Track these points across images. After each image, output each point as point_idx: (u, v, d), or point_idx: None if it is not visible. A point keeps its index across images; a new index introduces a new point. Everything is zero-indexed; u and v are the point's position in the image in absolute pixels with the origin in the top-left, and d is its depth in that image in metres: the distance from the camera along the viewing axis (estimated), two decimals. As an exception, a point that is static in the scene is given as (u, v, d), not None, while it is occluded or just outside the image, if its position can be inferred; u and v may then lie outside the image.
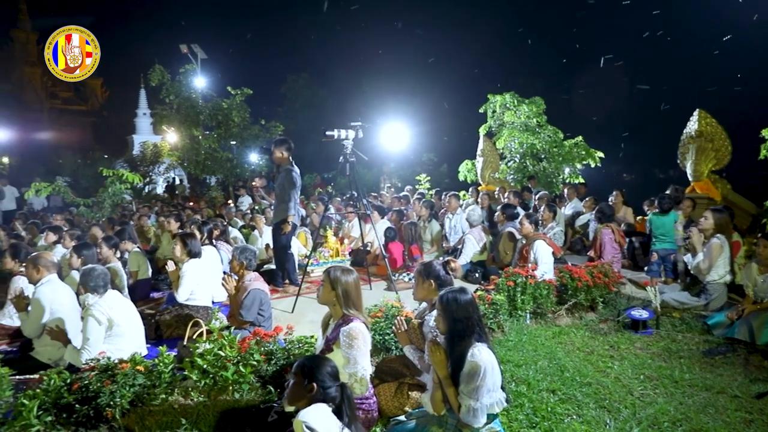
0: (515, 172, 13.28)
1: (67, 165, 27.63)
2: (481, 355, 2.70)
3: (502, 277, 5.44)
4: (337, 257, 7.50)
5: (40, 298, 4.43)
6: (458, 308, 2.81)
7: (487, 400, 2.70)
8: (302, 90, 31.48)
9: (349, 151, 6.24)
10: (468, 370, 2.70)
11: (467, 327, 2.78)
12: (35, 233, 8.99)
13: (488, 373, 2.68)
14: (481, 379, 2.67)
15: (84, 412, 3.24)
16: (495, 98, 13.44)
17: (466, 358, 2.72)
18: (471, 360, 2.70)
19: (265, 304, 4.61)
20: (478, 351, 2.72)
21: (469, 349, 2.73)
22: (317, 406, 2.37)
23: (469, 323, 2.79)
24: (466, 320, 2.79)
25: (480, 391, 2.68)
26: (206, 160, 15.66)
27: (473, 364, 2.69)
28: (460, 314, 2.80)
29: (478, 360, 2.68)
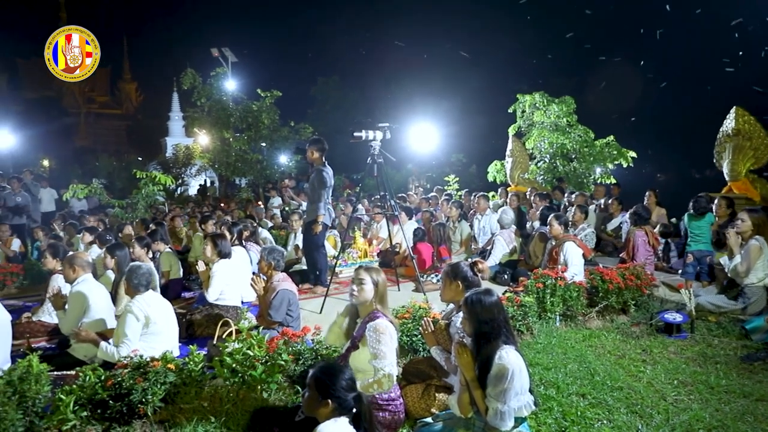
0: (545, 173, 13.14)
1: (103, 167, 28.38)
2: (509, 357, 2.67)
3: (531, 279, 5.38)
4: (366, 258, 7.52)
5: (76, 297, 4.55)
6: (483, 310, 2.78)
7: (515, 403, 2.67)
8: (332, 92, 31.71)
9: (377, 152, 6.25)
10: (495, 372, 2.67)
11: (493, 329, 2.75)
12: (73, 234, 9.25)
13: (516, 375, 2.65)
14: (508, 381, 2.64)
15: (117, 408, 3.31)
16: (524, 98, 13.33)
17: (493, 361, 2.69)
18: (498, 362, 2.67)
19: (293, 305, 4.65)
20: (505, 353, 2.69)
21: (497, 352, 2.70)
22: (335, 421, 2.35)
23: (495, 325, 2.76)
24: (491, 322, 2.76)
25: (507, 393, 2.65)
26: (237, 162, 15.91)
27: (500, 366, 2.66)
28: (486, 316, 2.77)
29: (505, 362, 2.66)
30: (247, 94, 17.15)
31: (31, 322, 5.41)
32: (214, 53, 20.06)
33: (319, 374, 2.47)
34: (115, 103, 79.74)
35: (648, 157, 24.40)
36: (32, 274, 7.93)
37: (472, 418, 2.88)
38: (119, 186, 23.75)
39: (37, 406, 3.21)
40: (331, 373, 2.46)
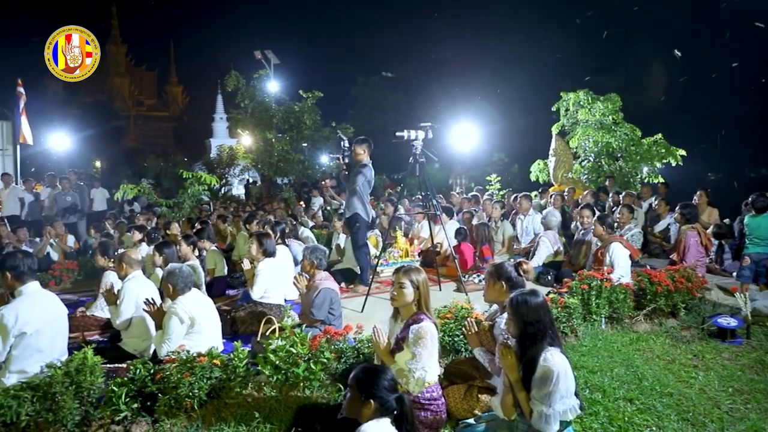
0: (589, 172, 12.85)
1: (151, 168, 29.26)
2: (554, 359, 2.62)
3: (576, 280, 5.27)
4: (407, 258, 7.51)
5: (127, 293, 4.71)
6: (528, 311, 2.74)
7: (560, 406, 2.62)
8: (373, 92, 31.82)
9: (418, 152, 6.24)
10: (540, 374, 2.63)
11: (539, 330, 2.71)
12: (123, 232, 9.57)
13: (561, 378, 2.60)
14: (553, 384, 2.59)
15: (165, 402, 3.40)
16: (568, 96, 13.08)
17: (538, 363, 2.65)
18: (543, 364, 2.63)
19: (335, 303, 4.69)
20: (550, 355, 2.64)
21: (542, 353, 2.65)
22: (377, 421, 2.35)
23: (540, 326, 2.71)
24: (536, 323, 2.71)
25: (552, 396, 2.60)
26: (279, 162, 16.18)
27: (545, 368, 2.61)
28: (531, 317, 2.73)
29: (550, 364, 2.61)
30: (289, 95, 17.44)
31: (85, 316, 5.62)
32: (257, 56, 20.44)
33: (361, 375, 2.47)
34: (162, 105, 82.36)
35: (698, 156, 23.52)
36: (86, 270, 8.25)
37: (515, 420, 2.84)
38: (166, 186, 24.44)
39: (91, 396, 3.35)
40: (373, 374, 2.46)
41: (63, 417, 3.20)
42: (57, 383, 3.20)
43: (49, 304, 3.92)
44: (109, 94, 73.79)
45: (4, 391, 3.17)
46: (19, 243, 8.88)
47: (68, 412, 3.21)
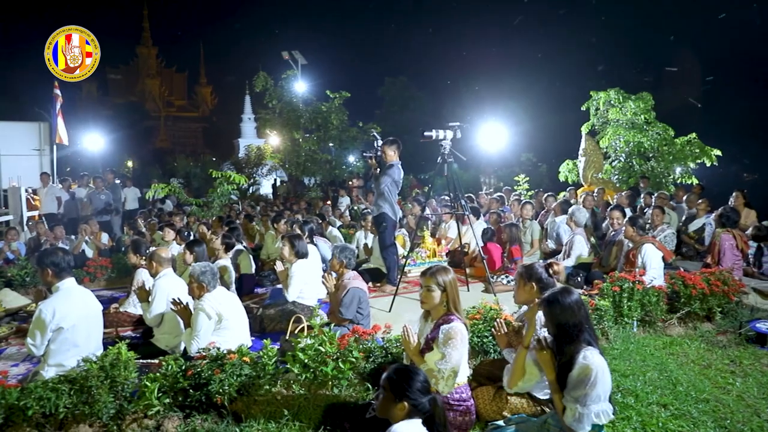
0: (620, 173, 12.65)
1: (181, 167, 29.76)
2: (593, 358, 2.59)
3: (607, 282, 5.18)
4: (434, 258, 7.49)
5: (158, 290, 4.80)
6: (562, 310, 2.70)
7: (595, 407, 2.58)
8: (399, 92, 31.78)
9: (447, 152, 6.22)
10: (578, 373, 2.59)
11: (574, 329, 2.67)
12: (154, 230, 9.76)
13: (599, 378, 2.56)
14: (590, 383, 2.55)
15: (197, 397, 3.45)
16: (598, 95, 12.88)
17: (576, 361, 2.61)
18: (582, 362, 2.59)
19: (363, 303, 4.70)
20: (590, 354, 2.61)
21: (580, 352, 2.62)
22: (409, 422, 2.34)
23: (575, 325, 2.67)
24: (571, 322, 2.68)
25: (589, 396, 2.56)
26: (306, 162, 16.29)
27: (584, 366, 2.58)
28: (565, 317, 2.69)
29: (589, 363, 2.58)
30: (316, 95, 17.56)
31: (118, 313, 5.75)
32: (285, 56, 20.65)
33: (393, 376, 2.45)
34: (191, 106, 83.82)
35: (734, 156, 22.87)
36: (119, 267, 8.42)
37: (547, 423, 2.81)
38: (195, 185, 24.84)
39: (125, 390, 3.42)
40: (406, 375, 2.44)
41: (98, 410, 3.28)
42: (93, 377, 3.27)
43: (85, 300, 4.02)
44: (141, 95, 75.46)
45: (44, 383, 3.26)
46: (56, 240, 9.12)
47: (103, 405, 3.28)
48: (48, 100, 14.98)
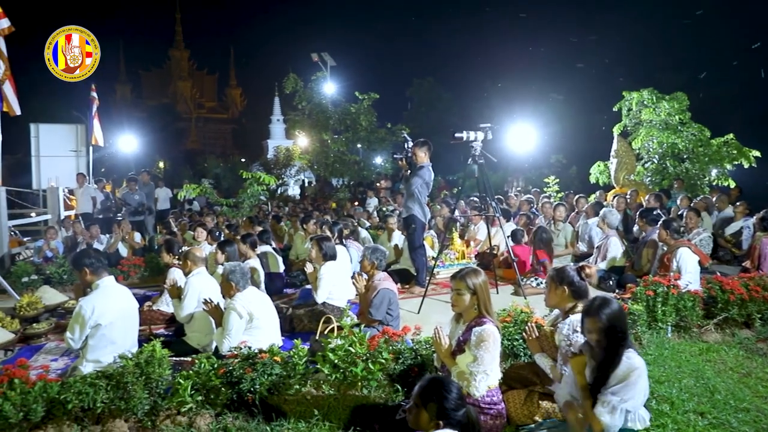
0: (653, 174, 12.40)
1: (211, 168, 30.25)
2: (637, 358, 2.60)
3: (641, 286, 5.08)
4: (463, 260, 7.45)
5: (190, 289, 4.88)
6: (614, 316, 2.66)
7: (631, 404, 2.54)
8: (427, 93, 31.75)
9: (477, 153, 6.19)
10: (623, 371, 2.58)
11: (622, 335, 2.64)
12: (185, 230, 9.94)
13: (642, 377, 2.56)
14: (632, 382, 2.54)
15: (228, 395, 3.51)
16: (631, 95, 12.64)
17: (620, 362, 2.60)
18: (626, 362, 2.59)
19: (393, 304, 4.71)
20: (633, 354, 2.61)
21: (624, 354, 2.62)
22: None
23: (623, 331, 2.64)
24: (620, 329, 2.65)
25: (628, 392, 2.54)
26: (335, 163, 16.37)
27: (629, 365, 2.57)
28: (615, 322, 2.65)
29: (633, 361, 2.57)
30: (345, 96, 17.66)
31: (151, 311, 5.86)
32: (314, 58, 20.83)
33: (426, 390, 2.40)
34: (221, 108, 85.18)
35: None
36: (152, 266, 8.59)
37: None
38: (225, 186, 25.22)
39: (159, 387, 3.49)
40: (440, 387, 2.38)
41: (134, 406, 3.35)
42: (128, 373, 3.35)
43: (123, 298, 4.12)
44: (173, 97, 76.96)
45: (82, 378, 3.35)
46: (91, 239, 9.36)
47: (138, 401, 3.36)
48: (85, 103, 15.38)
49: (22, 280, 7.56)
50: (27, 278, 7.62)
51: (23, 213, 12.96)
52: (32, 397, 3.16)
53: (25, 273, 7.73)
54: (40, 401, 3.18)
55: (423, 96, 31.91)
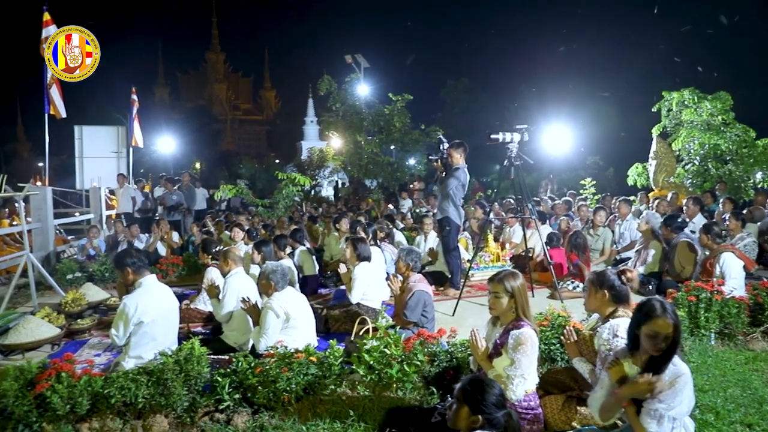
0: (694, 176, 12.05)
1: (246, 169, 30.70)
2: (682, 364, 2.52)
3: (682, 291, 4.94)
4: (498, 262, 7.39)
5: (229, 288, 4.95)
6: (677, 323, 2.57)
7: (679, 410, 2.48)
8: (461, 94, 31.56)
9: (514, 155, 6.13)
10: (670, 378, 2.50)
11: (675, 343, 2.56)
12: (221, 229, 10.11)
13: (688, 383, 2.48)
14: (679, 388, 2.47)
15: (265, 394, 3.54)
16: (671, 95, 12.33)
17: (665, 368, 2.52)
18: (672, 368, 2.51)
19: (428, 306, 4.70)
20: (678, 360, 2.53)
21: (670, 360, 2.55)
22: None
23: (678, 339, 2.57)
24: (676, 336, 2.56)
25: (675, 398, 2.46)
26: (368, 164, 16.41)
27: (674, 371, 2.50)
28: (673, 330, 2.56)
29: (680, 367, 2.50)
30: (379, 98, 17.69)
31: (189, 309, 5.97)
32: (348, 60, 20.96)
33: (467, 387, 2.41)
34: (256, 109, 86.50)
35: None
36: (189, 265, 8.77)
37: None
38: (259, 186, 25.57)
39: (198, 384, 3.56)
40: (481, 388, 2.40)
41: (173, 402, 3.43)
42: (169, 370, 3.43)
43: (164, 297, 4.22)
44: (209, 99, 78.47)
45: (125, 374, 3.44)
46: (132, 238, 9.61)
47: (178, 397, 3.44)
48: (125, 105, 15.82)
49: (67, 277, 7.81)
50: (71, 275, 7.86)
51: (67, 212, 13.38)
52: (78, 391, 3.26)
53: (70, 270, 7.98)
54: (86, 395, 3.29)
55: (457, 97, 31.72)
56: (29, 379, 3.28)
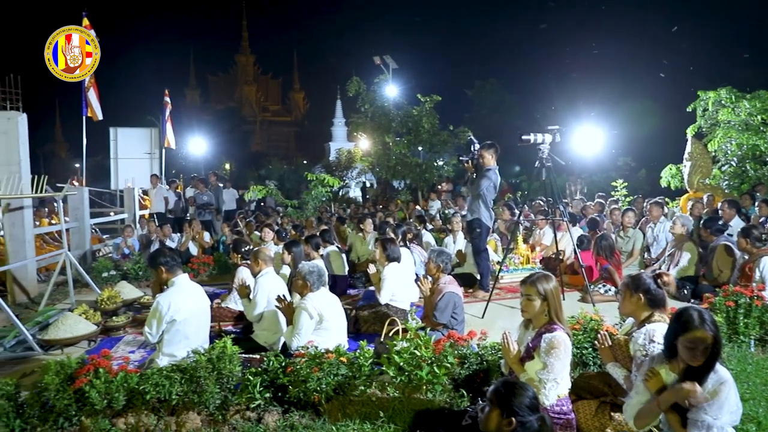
0: (731, 178, 11.71)
1: (275, 170, 31.03)
2: (724, 371, 2.46)
3: (720, 296, 4.81)
4: (528, 265, 7.31)
5: (260, 288, 5.00)
6: (717, 332, 2.51)
7: (727, 420, 2.41)
8: (489, 95, 31.32)
9: (545, 156, 6.06)
10: (713, 387, 2.44)
11: (718, 351, 2.49)
12: (251, 230, 10.23)
13: (733, 389, 2.42)
14: (725, 396, 2.41)
15: (295, 394, 3.57)
16: (707, 95, 11.99)
17: (707, 377, 2.46)
18: (713, 376, 2.45)
19: (458, 308, 4.67)
20: (719, 368, 2.47)
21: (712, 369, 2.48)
22: None
23: (720, 346, 2.50)
24: (718, 344, 2.49)
25: (722, 408, 2.40)
26: (396, 165, 16.41)
27: (716, 378, 2.44)
28: (714, 339, 2.50)
29: (721, 375, 2.44)
30: (407, 99, 17.69)
31: (220, 308, 6.06)
32: (376, 61, 21.03)
33: (501, 390, 2.40)
34: (285, 111, 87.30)
35: None
36: (219, 264, 8.89)
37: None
38: (288, 186, 25.80)
39: (230, 383, 3.60)
40: (514, 390, 2.38)
41: (206, 399, 3.48)
42: (201, 368, 3.49)
43: (196, 296, 4.30)
44: (239, 101, 79.50)
45: (159, 371, 3.51)
46: (164, 237, 9.79)
47: (210, 395, 3.48)
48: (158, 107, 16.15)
49: (102, 275, 8.00)
50: (107, 273, 8.06)
51: (102, 212, 13.73)
52: (115, 387, 3.34)
53: (105, 268, 8.18)
54: (122, 390, 3.36)
55: (485, 98, 31.48)
56: (69, 374, 3.36)
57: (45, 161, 42.18)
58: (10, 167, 6.95)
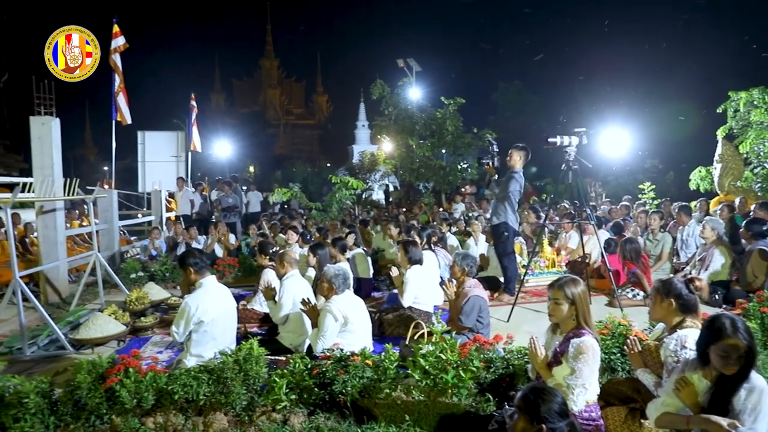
0: (763, 180, 11.41)
1: (299, 173, 31.27)
2: (758, 377, 2.39)
3: (754, 302, 4.69)
4: (553, 268, 7.23)
5: (285, 290, 5.03)
6: (751, 337, 2.45)
7: (763, 429, 2.34)
8: (513, 97, 31.14)
9: (572, 159, 5.99)
10: (745, 395, 2.38)
11: (753, 358, 2.44)
12: (276, 232, 10.31)
13: None
14: (762, 403, 2.34)
15: (321, 396, 3.58)
16: (738, 95, 11.72)
17: (740, 386, 2.40)
18: (747, 385, 2.38)
19: (483, 312, 4.64)
20: (754, 376, 2.40)
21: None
22: None
23: (754, 352, 2.44)
24: (752, 350, 2.43)
25: (759, 417, 2.34)
26: (420, 168, 16.39)
27: (749, 387, 2.38)
28: (754, 345, 2.45)
29: (755, 383, 2.38)
30: (431, 101, 17.67)
31: (245, 309, 6.11)
32: (400, 64, 21.05)
33: (530, 396, 2.37)
34: (308, 114, 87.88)
35: None
36: (244, 266, 8.98)
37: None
38: (311, 189, 25.96)
39: (256, 384, 3.63)
40: (543, 396, 2.35)
41: (233, 400, 3.51)
42: (228, 369, 3.52)
43: (223, 297, 4.35)
44: (263, 104, 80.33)
45: (187, 371, 3.55)
46: (190, 240, 9.93)
47: (237, 396, 3.51)
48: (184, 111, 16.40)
49: (130, 276, 8.14)
50: (134, 274, 8.20)
51: (130, 214, 13.97)
52: (144, 386, 3.39)
53: (133, 270, 8.32)
54: (151, 390, 3.42)
55: (509, 100, 31.31)
56: (100, 373, 3.43)
57: (75, 164, 43.19)
58: (44, 171, 7.11)
